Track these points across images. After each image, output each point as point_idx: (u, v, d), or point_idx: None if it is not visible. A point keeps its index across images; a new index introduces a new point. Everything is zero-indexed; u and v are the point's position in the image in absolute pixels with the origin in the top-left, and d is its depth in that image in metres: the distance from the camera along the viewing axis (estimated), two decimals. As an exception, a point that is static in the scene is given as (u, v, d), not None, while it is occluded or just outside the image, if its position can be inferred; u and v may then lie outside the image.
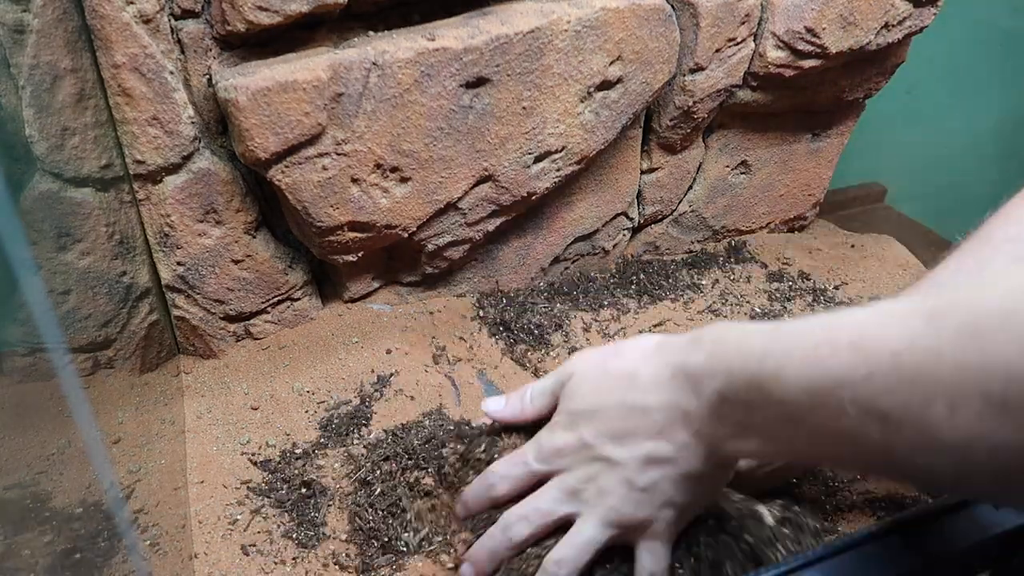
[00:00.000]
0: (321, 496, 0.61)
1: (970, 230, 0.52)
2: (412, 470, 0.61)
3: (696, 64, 0.79)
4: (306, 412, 0.70)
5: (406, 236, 0.75)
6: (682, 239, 0.98)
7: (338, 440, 0.67)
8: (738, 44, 0.79)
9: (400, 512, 0.58)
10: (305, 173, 0.66)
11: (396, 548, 0.56)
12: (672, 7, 0.76)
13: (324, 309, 0.83)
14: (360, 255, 0.76)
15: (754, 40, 0.81)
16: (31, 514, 0.59)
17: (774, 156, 0.95)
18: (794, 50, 0.81)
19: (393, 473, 0.61)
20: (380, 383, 0.73)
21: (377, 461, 0.62)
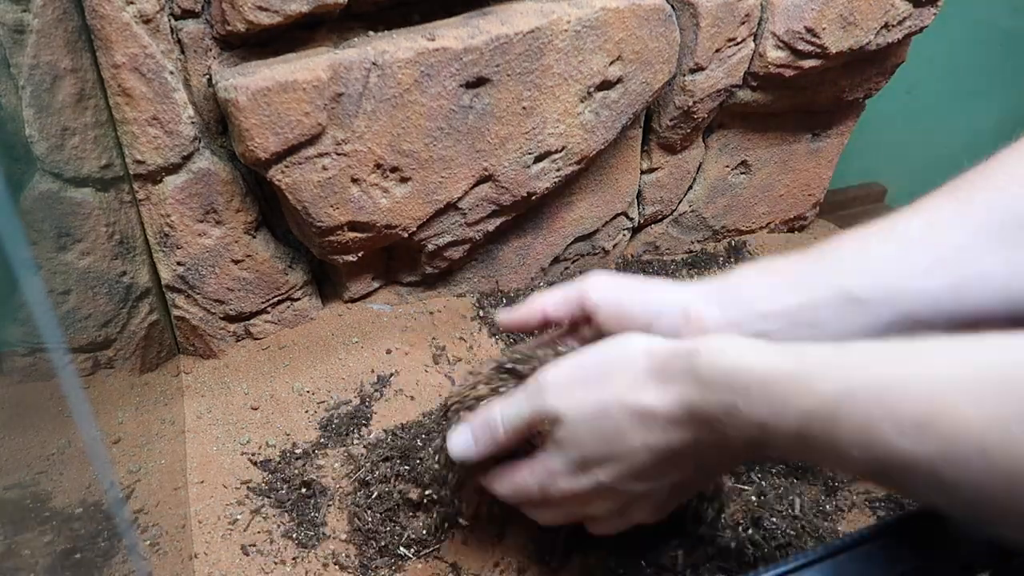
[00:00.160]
0: (321, 496, 0.61)
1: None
2: (406, 477, 0.61)
3: (696, 64, 0.79)
4: (306, 412, 0.70)
5: (406, 236, 0.75)
6: (682, 239, 0.98)
7: (338, 440, 0.67)
8: (738, 44, 0.79)
9: (396, 516, 0.58)
10: (305, 173, 0.66)
11: (394, 552, 0.56)
12: (672, 7, 0.76)
13: (324, 309, 0.83)
14: (360, 255, 0.76)
15: (754, 40, 0.81)
16: (31, 514, 0.59)
17: (774, 156, 0.95)
18: (794, 50, 0.81)
19: (389, 477, 0.61)
20: (380, 383, 0.73)
21: (376, 462, 0.62)
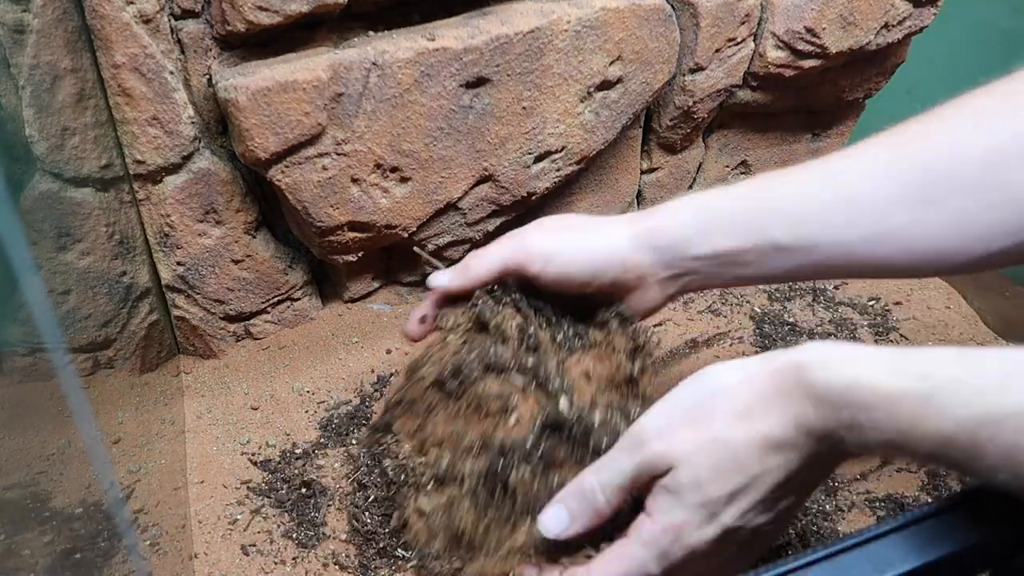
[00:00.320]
0: (321, 496, 0.61)
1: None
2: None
3: (696, 64, 0.79)
4: (306, 412, 0.70)
5: (406, 236, 0.75)
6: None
7: (338, 440, 0.67)
8: (738, 44, 0.79)
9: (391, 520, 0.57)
10: (305, 173, 0.66)
11: (392, 553, 0.56)
12: (672, 7, 0.76)
13: (324, 309, 0.83)
14: (360, 255, 0.76)
15: (754, 40, 0.81)
16: (31, 514, 0.59)
17: (774, 156, 0.95)
18: (794, 50, 0.81)
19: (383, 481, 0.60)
20: (380, 383, 0.73)
21: (372, 465, 0.62)
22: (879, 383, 0.35)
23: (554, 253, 0.50)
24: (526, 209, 0.82)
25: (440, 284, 0.54)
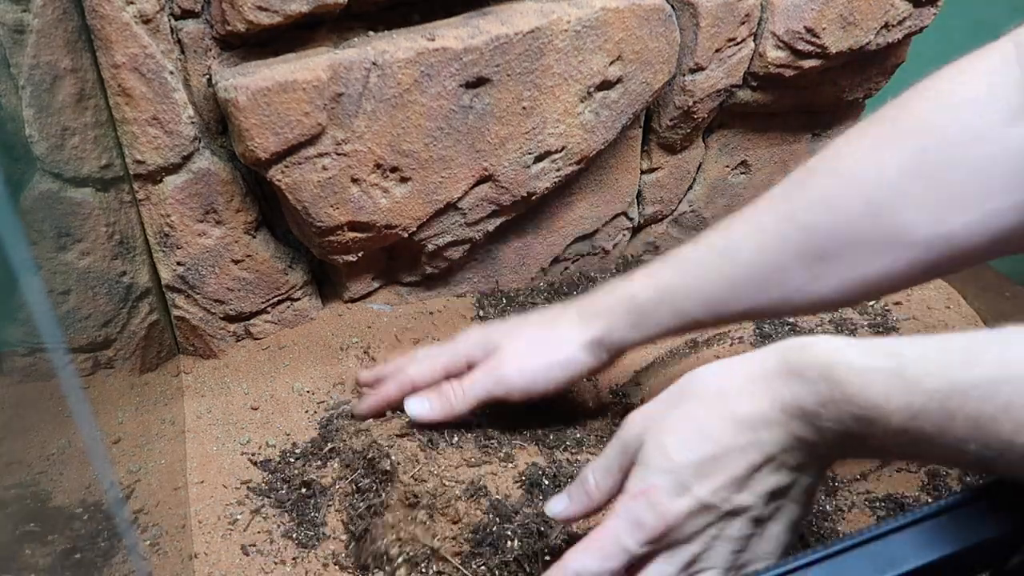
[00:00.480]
0: (321, 496, 0.61)
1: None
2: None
3: (696, 64, 0.79)
4: (306, 412, 0.70)
5: (406, 236, 0.75)
6: (682, 239, 0.98)
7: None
8: (738, 44, 0.79)
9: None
10: (305, 173, 0.66)
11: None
12: (672, 7, 0.76)
13: (324, 309, 0.83)
14: (360, 255, 0.76)
15: (754, 40, 0.81)
16: (31, 514, 0.59)
17: (774, 156, 0.95)
18: (794, 50, 0.81)
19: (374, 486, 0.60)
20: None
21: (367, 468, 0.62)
22: (852, 360, 0.37)
23: (528, 384, 0.60)
24: (526, 209, 0.82)
25: (421, 414, 0.61)
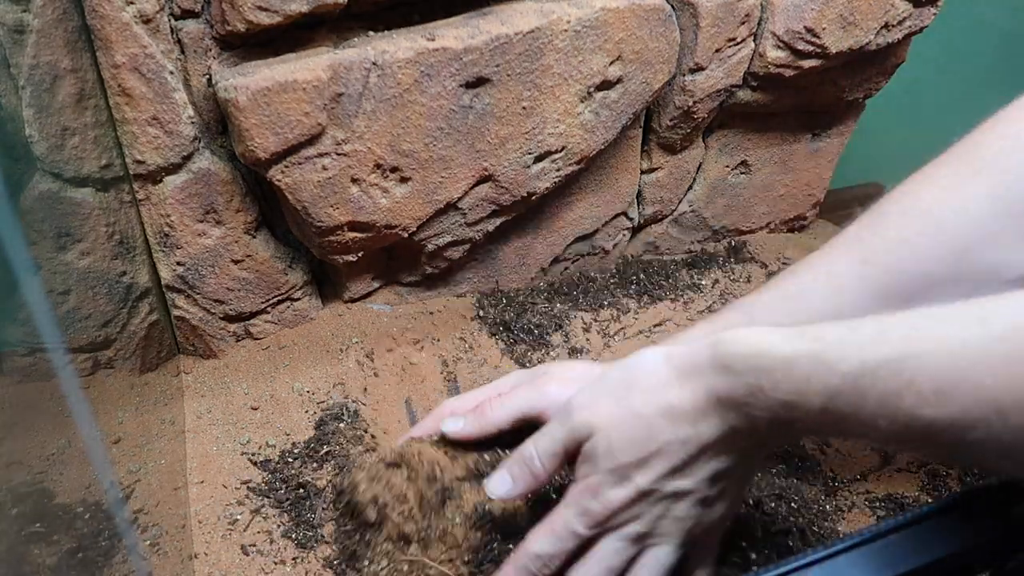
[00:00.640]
0: (316, 498, 0.61)
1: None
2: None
3: (696, 64, 0.79)
4: (306, 412, 0.70)
5: (406, 236, 0.75)
6: (682, 239, 0.98)
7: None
8: (738, 44, 0.79)
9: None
10: (305, 173, 0.66)
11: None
12: (672, 7, 0.76)
13: (324, 309, 0.83)
14: (360, 255, 0.76)
15: (754, 40, 0.81)
16: (31, 514, 0.59)
17: (774, 156, 0.95)
18: (794, 50, 0.81)
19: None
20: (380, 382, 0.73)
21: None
22: (777, 348, 0.38)
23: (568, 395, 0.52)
24: (526, 209, 0.82)
25: (454, 431, 0.53)
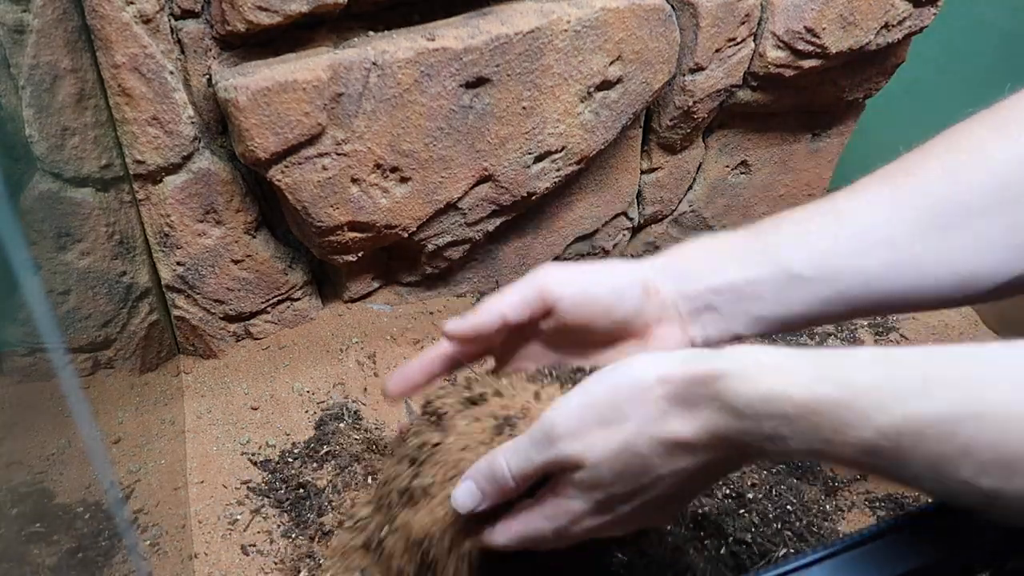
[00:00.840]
0: (316, 498, 0.61)
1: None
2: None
3: (696, 64, 0.79)
4: (306, 412, 0.70)
5: (406, 236, 0.75)
6: (682, 239, 0.98)
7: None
8: (738, 44, 0.79)
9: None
10: (305, 173, 0.66)
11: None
12: (672, 7, 0.76)
13: (324, 309, 0.83)
14: (360, 255, 0.76)
15: (754, 40, 0.81)
16: (31, 514, 0.59)
17: (774, 156, 0.95)
18: (794, 50, 0.81)
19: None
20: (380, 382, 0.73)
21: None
22: (799, 394, 0.35)
23: (573, 276, 0.48)
24: (526, 209, 0.82)
25: (456, 328, 0.48)
